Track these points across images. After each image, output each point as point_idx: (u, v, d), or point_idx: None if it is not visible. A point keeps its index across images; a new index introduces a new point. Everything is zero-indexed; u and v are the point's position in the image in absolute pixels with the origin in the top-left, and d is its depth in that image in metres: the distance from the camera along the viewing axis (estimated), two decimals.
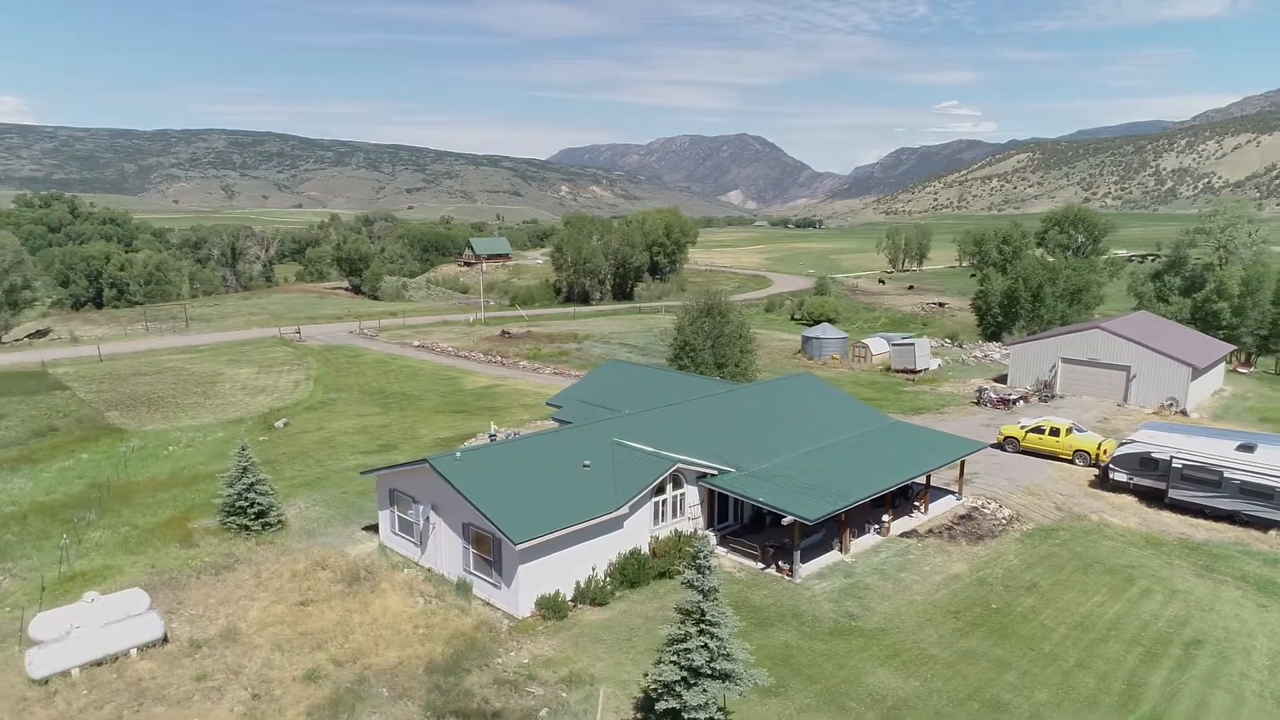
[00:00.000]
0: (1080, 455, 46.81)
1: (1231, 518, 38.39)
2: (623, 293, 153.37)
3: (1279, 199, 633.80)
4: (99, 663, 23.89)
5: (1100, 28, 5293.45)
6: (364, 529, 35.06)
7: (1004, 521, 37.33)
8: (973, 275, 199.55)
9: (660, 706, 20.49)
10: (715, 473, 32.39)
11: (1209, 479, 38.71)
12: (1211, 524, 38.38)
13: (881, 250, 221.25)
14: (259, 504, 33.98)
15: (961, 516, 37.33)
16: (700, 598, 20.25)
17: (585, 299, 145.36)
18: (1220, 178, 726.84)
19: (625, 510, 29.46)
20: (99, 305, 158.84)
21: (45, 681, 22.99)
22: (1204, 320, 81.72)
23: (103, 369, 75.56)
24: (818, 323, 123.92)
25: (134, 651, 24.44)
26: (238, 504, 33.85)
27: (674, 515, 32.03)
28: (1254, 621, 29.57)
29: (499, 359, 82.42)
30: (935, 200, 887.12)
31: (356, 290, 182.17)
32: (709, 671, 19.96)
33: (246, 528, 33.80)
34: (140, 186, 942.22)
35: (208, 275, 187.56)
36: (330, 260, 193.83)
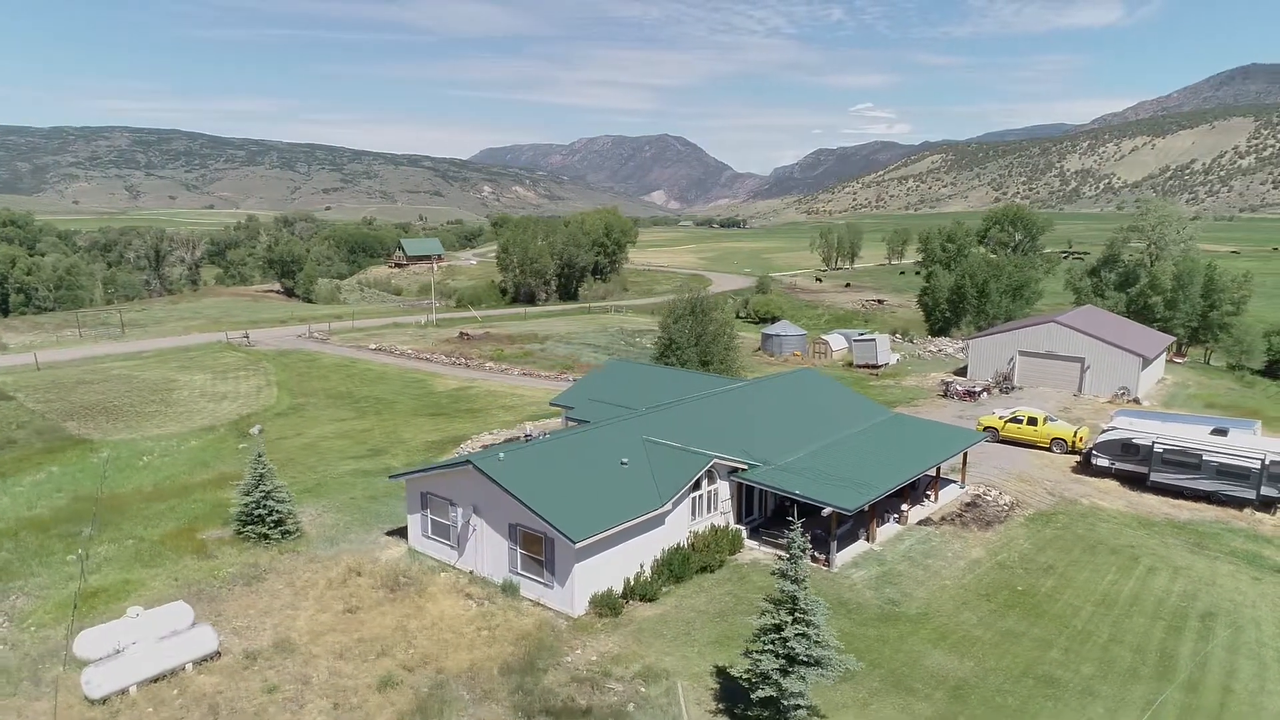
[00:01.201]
0: (1057, 443, 49.02)
1: (1209, 498, 40.84)
2: (568, 293, 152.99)
3: (1173, 198, 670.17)
4: (155, 679, 23.01)
5: (1005, 34, 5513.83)
6: (387, 534, 34.44)
7: (1006, 508, 38.91)
8: (902, 274, 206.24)
9: (758, 695, 20.89)
10: (746, 467, 32.93)
11: (1189, 462, 41.09)
12: (1192, 504, 40.74)
13: (815, 249, 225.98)
14: (277, 512, 33.06)
15: (967, 504, 38.78)
16: (795, 587, 20.73)
17: (531, 299, 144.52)
18: (1119, 178, 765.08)
19: (669, 506, 29.77)
20: (4, 311, 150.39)
21: (104, 701, 22.04)
22: (1138, 313, 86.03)
23: (44, 378, 71.87)
24: (764, 320, 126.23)
25: (189, 666, 23.61)
26: (255, 512, 32.87)
27: (709, 510, 32.46)
28: (1253, 593, 31.60)
29: (463, 361, 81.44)
30: (854, 200, 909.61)
31: (290, 293, 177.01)
32: (805, 659, 20.46)
33: (265, 536, 32.84)
34: (36, 186, 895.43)
35: (126, 279, 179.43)
36: (261, 262, 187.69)
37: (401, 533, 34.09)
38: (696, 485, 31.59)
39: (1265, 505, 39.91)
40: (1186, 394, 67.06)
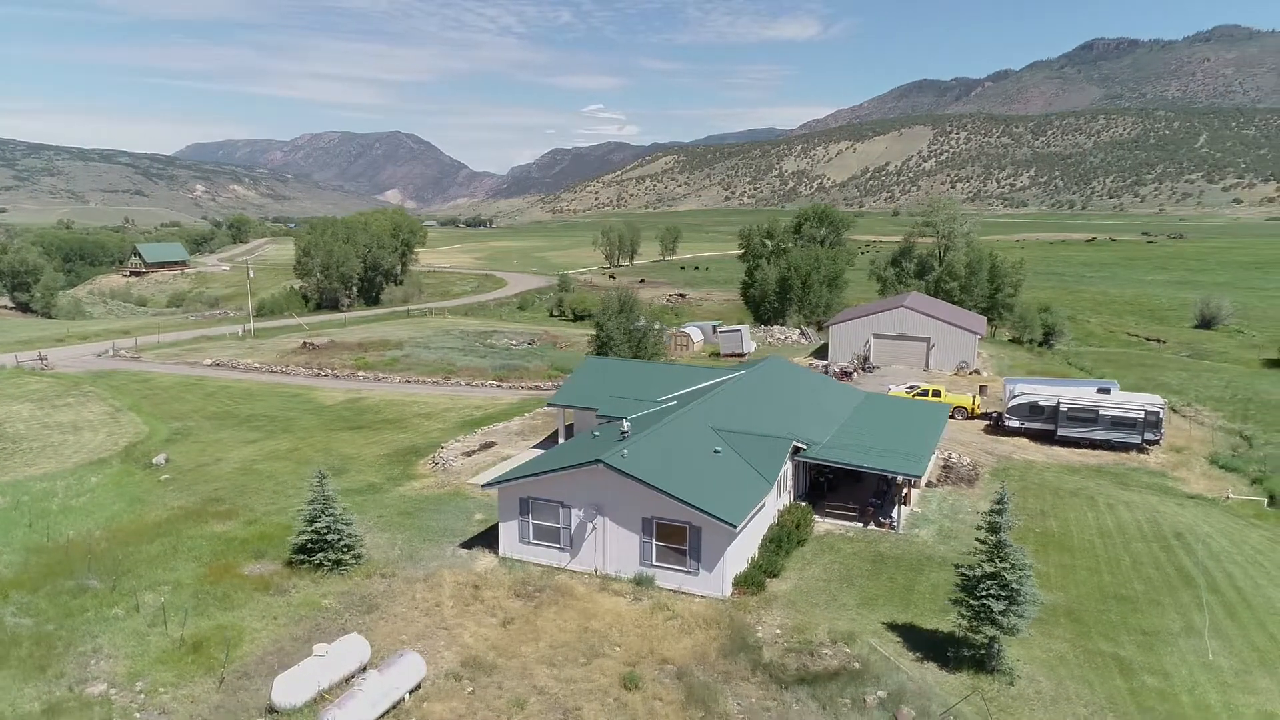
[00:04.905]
0: (959, 411, 56.24)
1: (1103, 445, 49.36)
2: (371, 297, 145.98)
3: (875, 197, 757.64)
4: (383, 715, 21.50)
5: (721, 43, 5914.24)
6: (461, 545, 33.21)
7: (970, 467, 44.69)
8: (683, 269, 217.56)
9: (982, 636, 23.80)
10: (805, 447, 35.57)
11: (1087, 417, 49.42)
12: (1090, 452, 49.07)
13: (598, 247, 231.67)
14: (349, 536, 30.87)
15: (944, 467, 44.10)
16: (1008, 539, 23.80)
17: (335, 305, 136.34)
18: (829, 179, 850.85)
19: (773, 488, 31.74)
20: None
21: None
22: (936, 297, 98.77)
23: None
24: (581, 318, 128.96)
25: (406, 697, 22.24)
26: (326, 538, 30.44)
27: (783, 490, 34.72)
28: (1189, 516, 39.30)
29: (328, 372, 76.47)
30: (597, 199, 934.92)
31: (24, 308, 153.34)
32: (1023, 597, 23.61)
33: (339, 562, 30.51)
34: None
35: None
36: None
37: (476, 543, 33.18)
38: None
39: (1143, 448, 49.09)
40: (1007, 365, 78.63)
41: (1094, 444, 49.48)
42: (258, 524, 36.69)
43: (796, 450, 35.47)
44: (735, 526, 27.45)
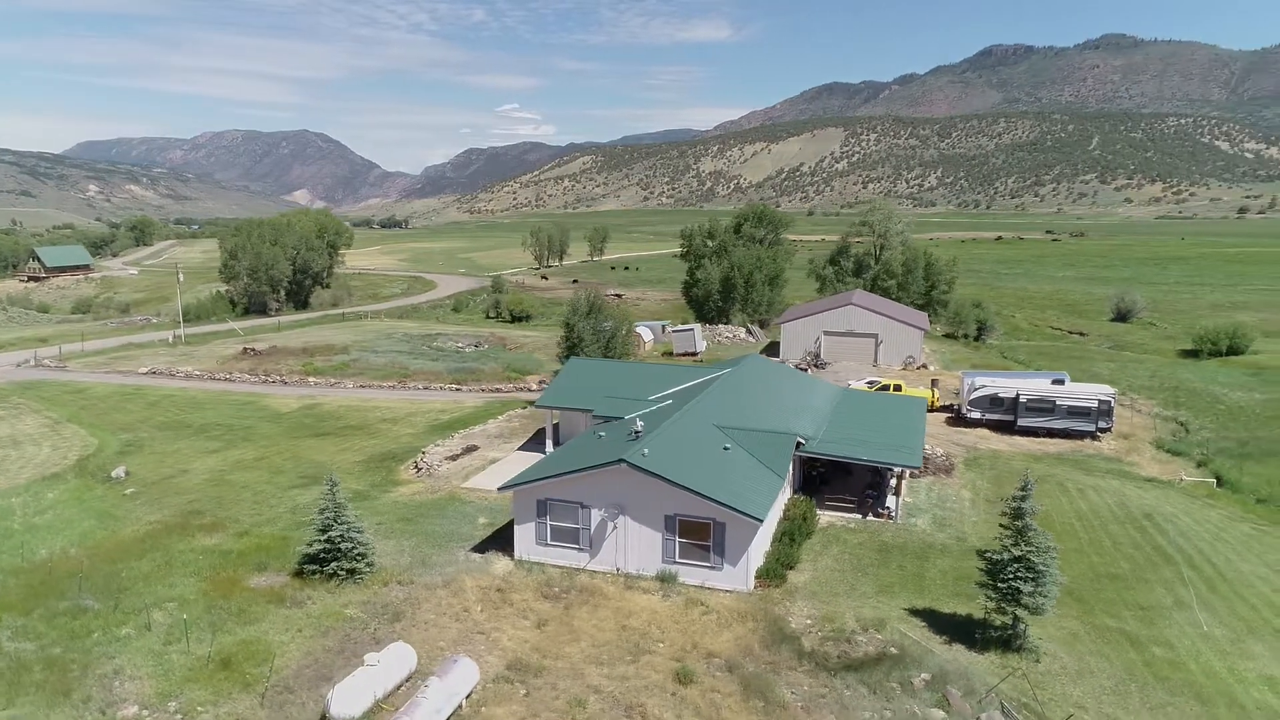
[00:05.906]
0: None
1: (1059, 434, 51.90)
2: (300, 301, 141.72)
3: (790, 197, 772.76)
4: None
5: (635, 44, 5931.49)
6: (471, 550, 32.90)
7: (943, 458, 46.43)
8: (613, 269, 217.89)
9: (1005, 618, 25.02)
10: (805, 441, 36.43)
11: (1044, 407, 51.87)
12: (1048, 440, 51.55)
13: (527, 248, 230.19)
14: (361, 545, 30.27)
15: (922, 458, 45.61)
16: (1032, 523, 25.01)
17: (263, 309, 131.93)
18: (745, 179, 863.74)
19: (784, 482, 32.45)
20: None
21: None
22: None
23: None
24: (519, 319, 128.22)
25: (463, 703, 22.07)
26: (340, 546, 29.79)
27: (786, 483, 35.48)
28: (1152, 498, 41.74)
29: (276, 378, 74.17)
30: (515, 199, 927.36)
31: None
32: (1047, 578, 24.87)
33: (354, 571, 29.89)
34: None
35: None
36: None
37: (487, 546, 32.96)
38: None
39: (1096, 435, 51.83)
40: (949, 358, 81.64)
41: (1051, 433, 51.99)
42: (250, 535, 35.62)
43: (798, 445, 36.30)
44: (761, 521, 28.04)
